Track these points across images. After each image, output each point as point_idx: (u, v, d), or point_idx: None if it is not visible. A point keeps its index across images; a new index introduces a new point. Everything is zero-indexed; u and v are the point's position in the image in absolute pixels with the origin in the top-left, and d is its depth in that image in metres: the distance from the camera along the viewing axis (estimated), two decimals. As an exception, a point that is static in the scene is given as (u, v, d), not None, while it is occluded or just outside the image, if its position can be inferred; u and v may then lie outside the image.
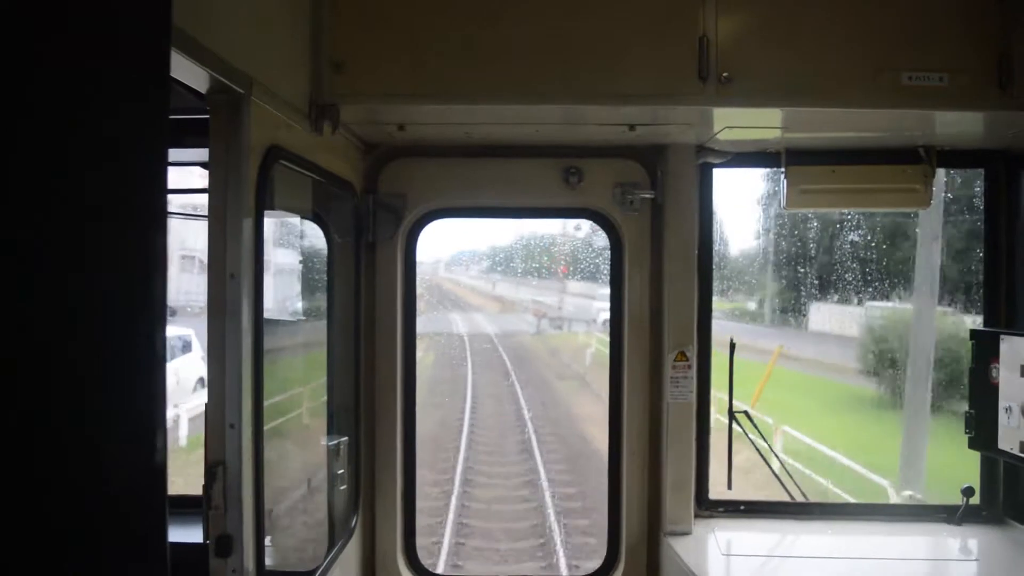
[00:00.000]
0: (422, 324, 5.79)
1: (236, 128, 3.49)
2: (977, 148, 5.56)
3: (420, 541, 5.93)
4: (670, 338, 5.52)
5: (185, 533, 3.93)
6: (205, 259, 3.57)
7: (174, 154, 4.85)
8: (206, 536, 3.49)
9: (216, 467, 3.48)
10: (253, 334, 3.60)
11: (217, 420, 3.49)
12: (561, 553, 12.27)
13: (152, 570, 2.01)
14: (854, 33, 4.42)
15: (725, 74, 4.36)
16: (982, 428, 5.28)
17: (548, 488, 15.04)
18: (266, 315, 3.80)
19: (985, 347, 5.27)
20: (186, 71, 3.16)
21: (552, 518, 13.67)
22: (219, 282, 3.49)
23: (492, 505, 14.71)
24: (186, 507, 4.11)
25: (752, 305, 22.36)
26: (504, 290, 31.66)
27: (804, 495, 5.85)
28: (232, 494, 3.49)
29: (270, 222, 4.88)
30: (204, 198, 3.61)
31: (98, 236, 1.88)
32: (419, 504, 5.94)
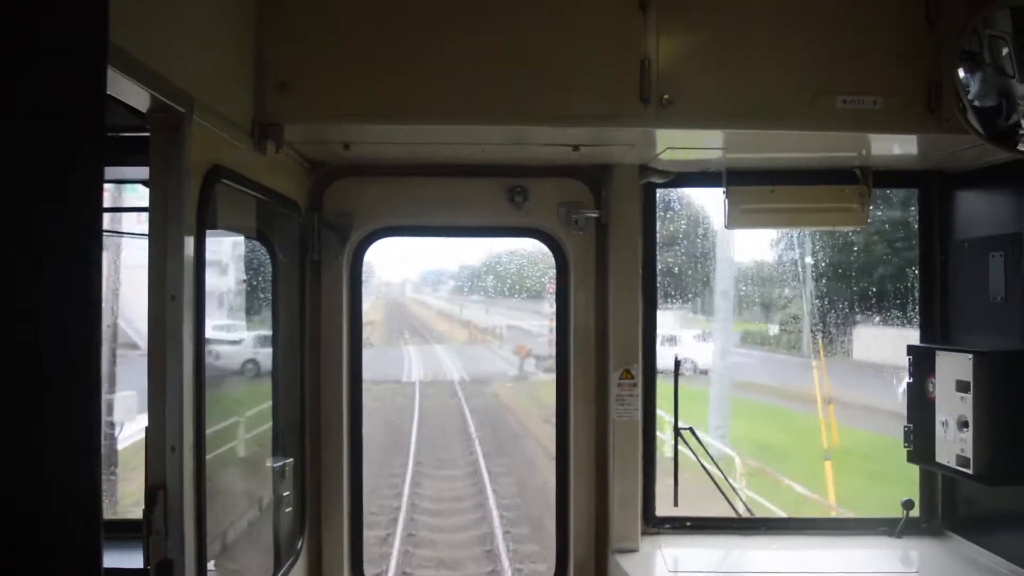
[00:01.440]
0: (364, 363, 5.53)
1: (177, 147, 3.46)
2: (911, 168, 5.71)
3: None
4: (615, 356, 5.57)
5: (126, 559, 3.85)
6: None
7: (118, 172, 4.83)
8: (146, 562, 3.42)
9: (156, 491, 3.41)
10: (195, 356, 3.55)
11: (158, 443, 3.43)
12: None
13: None
14: (792, 57, 4.53)
15: (666, 96, 4.44)
16: (920, 442, 5.39)
17: None
18: (209, 335, 3.76)
19: (921, 363, 5.39)
20: (126, 90, 3.13)
21: None
22: (159, 303, 3.44)
23: None
24: (126, 531, 4.02)
25: (773, 328, 18.38)
26: (475, 314, 27.36)
27: (749, 511, 5.91)
28: (173, 518, 3.42)
29: (214, 241, 4.85)
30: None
31: (32, 256, 1.85)
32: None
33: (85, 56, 1.91)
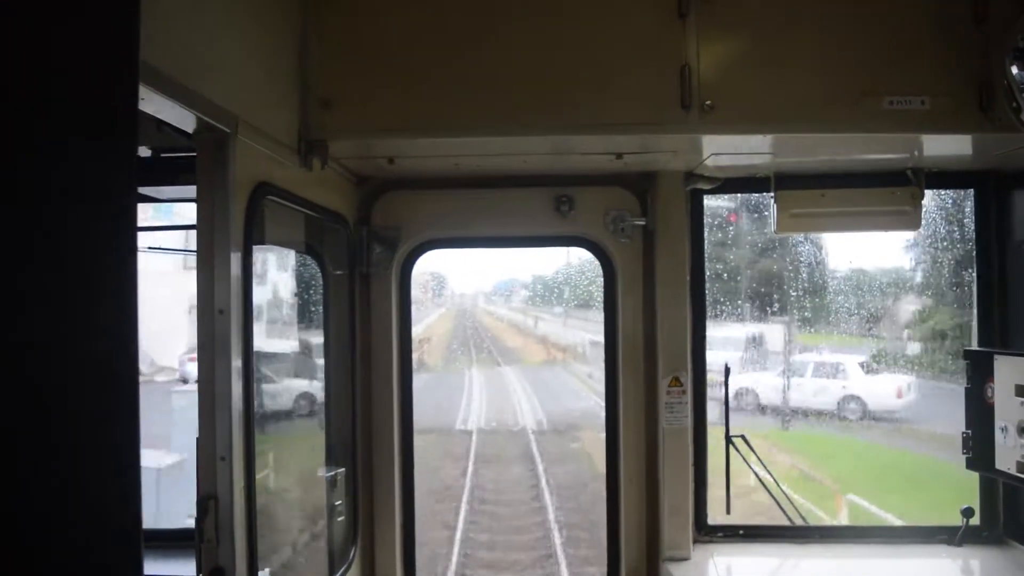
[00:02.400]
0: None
1: (222, 166, 3.57)
2: (965, 169, 5.59)
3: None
4: (664, 363, 5.55)
5: (179, 567, 3.97)
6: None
7: (169, 191, 4.97)
8: (199, 570, 3.52)
9: (208, 500, 3.52)
10: (243, 368, 3.65)
11: (208, 453, 3.54)
12: None
13: None
14: (835, 58, 4.47)
15: (708, 102, 4.42)
16: (979, 448, 5.27)
17: None
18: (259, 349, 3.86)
19: (980, 367, 5.27)
20: (172, 112, 3.25)
21: None
22: (208, 318, 3.55)
23: None
24: (180, 540, 4.15)
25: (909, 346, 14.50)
26: (551, 328, 23.73)
27: (804, 519, 5.83)
28: (224, 527, 3.52)
29: (265, 256, 4.96)
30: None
31: (67, 272, 1.92)
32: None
33: (116, 74, 1.98)
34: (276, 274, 5.68)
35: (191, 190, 3.70)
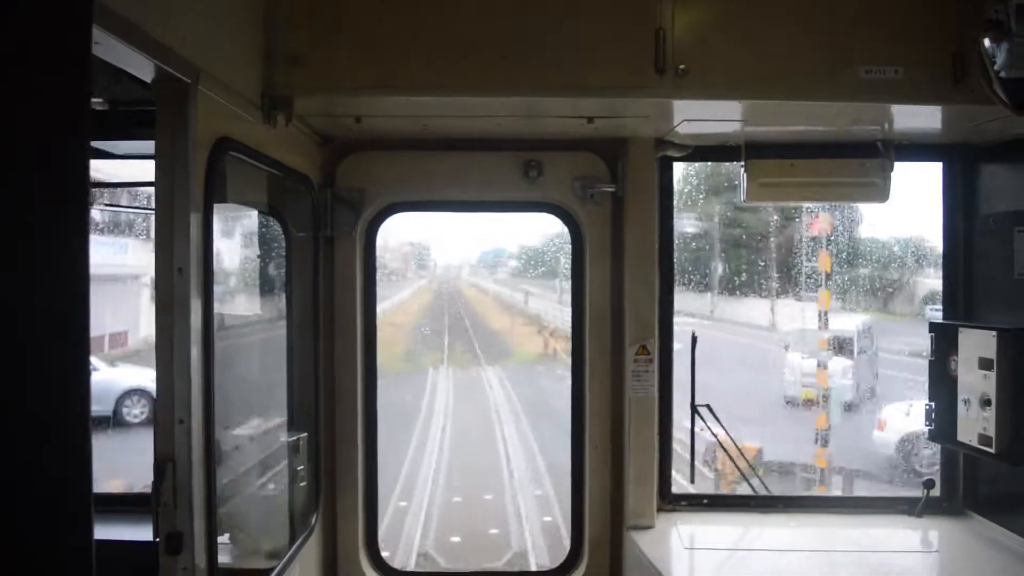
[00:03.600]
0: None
1: (183, 119, 3.44)
2: (934, 142, 5.59)
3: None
4: (631, 332, 5.52)
5: (136, 531, 3.87)
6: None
7: (125, 147, 4.82)
8: (156, 534, 3.43)
9: (165, 463, 3.42)
10: (203, 329, 3.55)
11: (166, 416, 3.44)
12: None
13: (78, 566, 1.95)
14: (812, 26, 4.43)
15: (682, 66, 4.35)
16: (941, 420, 5.31)
17: None
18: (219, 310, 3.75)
19: (944, 340, 5.30)
20: (129, 60, 3.11)
21: None
22: (167, 277, 3.43)
23: None
24: (137, 505, 4.05)
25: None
26: (544, 306, 19.35)
27: (767, 488, 5.86)
28: (182, 491, 3.43)
29: (225, 215, 4.83)
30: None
31: (18, 227, 1.83)
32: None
33: (70, 16, 1.87)
34: (236, 234, 5.54)
35: (148, 146, 3.57)
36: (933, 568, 5.25)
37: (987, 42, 4.31)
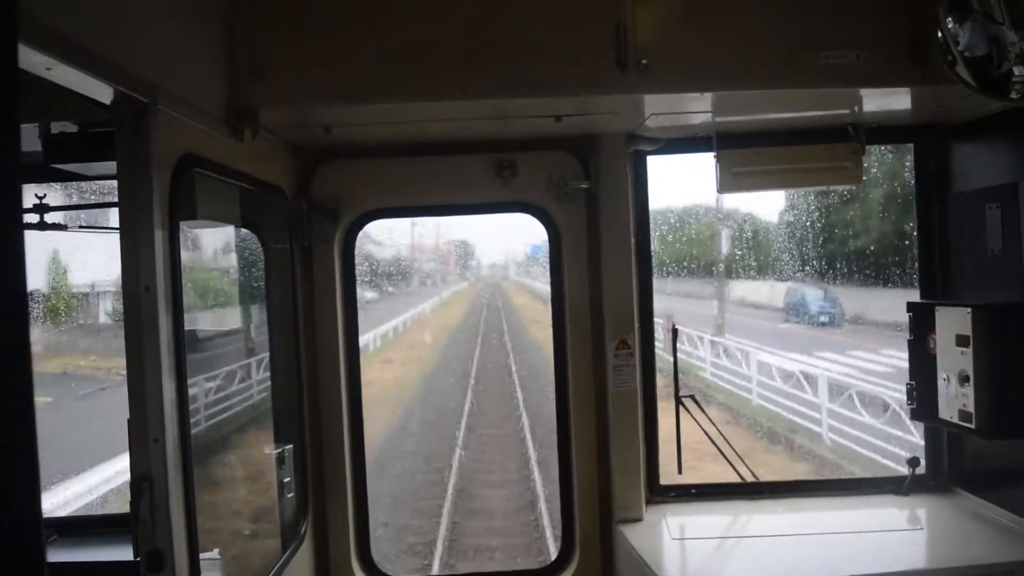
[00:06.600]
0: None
1: (142, 138, 3.44)
2: (905, 124, 5.61)
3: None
4: (611, 327, 5.54)
5: (117, 552, 3.88)
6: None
7: (97, 168, 4.81)
8: (136, 553, 3.44)
9: (142, 482, 3.43)
10: (174, 346, 3.55)
11: (140, 435, 3.44)
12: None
13: None
14: (769, 13, 4.47)
15: (644, 61, 4.37)
16: (923, 399, 5.33)
17: None
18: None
19: (922, 319, 5.32)
20: (85, 84, 3.11)
21: None
22: (134, 295, 3.43)
23: None
24: (117, 526, 4.06)
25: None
26: None
27: (754, 475, 5.89)
28: (160, 509, 3.44)
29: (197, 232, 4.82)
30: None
31: None
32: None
33: None
34: (211, 249, 5.55)
35: (111, 166, 3.57)
36: (921, 545, 5.28)
37: (950, 22, 4.34)
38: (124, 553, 3.62)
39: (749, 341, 20.09)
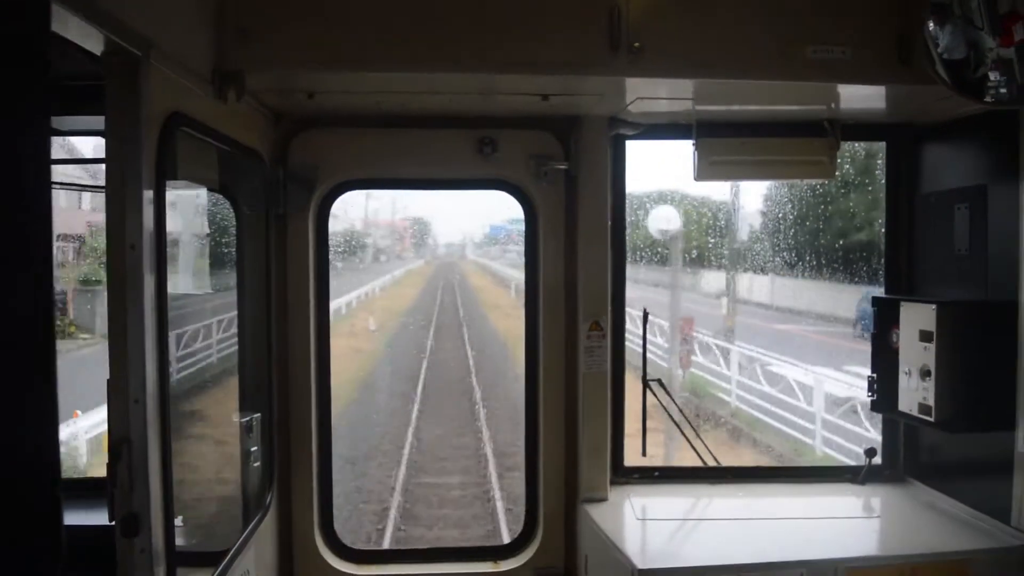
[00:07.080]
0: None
1: (134, 93, 3.36)
2: (879, 122, 5.72)
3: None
4: (584, 308, 5.58)
5: (93, 516, 3.81)
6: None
7: (72, 123, 4.69)
8: (112, 517, 3.38)
9: (120, 444, 3.37)
10: (156, 306, 3.49)
11: (120, 395, 3.38)
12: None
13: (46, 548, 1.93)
14: (763, 6, 4.51)
15: (636, 44, 4.39)
16: (883, 391, 5.47)
17: None
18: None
19: (886, 314, 5.45)
20: (79, 31, 3.03)
21: None
22: (119, 254, 3.36)
23: None
24: (93, 489, 3.98)
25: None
26: None
27: (716, 460, 5.99)
28: (138, 472, 3.38)
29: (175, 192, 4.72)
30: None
31: None
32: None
33: None
34: (185, 212, 5.44)
35: (95, 121, 3.48)
36: (875, 532, 5.44)
37: (931, 24, 4.43)
38: (98, 517, 3.55)
39: (785, 356, 16.08)
